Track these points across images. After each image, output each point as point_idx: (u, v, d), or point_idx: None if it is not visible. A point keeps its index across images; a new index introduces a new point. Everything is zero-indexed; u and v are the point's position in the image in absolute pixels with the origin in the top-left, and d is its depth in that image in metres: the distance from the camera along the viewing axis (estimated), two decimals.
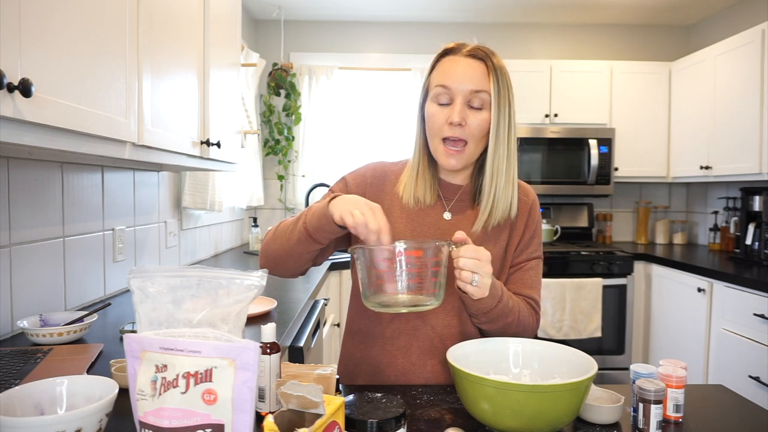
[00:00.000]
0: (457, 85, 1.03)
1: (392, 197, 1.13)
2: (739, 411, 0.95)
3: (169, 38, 1.45)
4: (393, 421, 0.68)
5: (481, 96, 1.03)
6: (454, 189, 1.14)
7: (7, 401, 0.69)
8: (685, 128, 3.43)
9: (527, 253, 1.14)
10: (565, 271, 3.20)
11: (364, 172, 1.17)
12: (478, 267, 0.93)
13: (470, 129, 1.04)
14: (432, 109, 1.07)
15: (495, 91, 1.03)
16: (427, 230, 1.11)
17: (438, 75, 1.07)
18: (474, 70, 1.03)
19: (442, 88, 1.04)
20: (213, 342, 0.61)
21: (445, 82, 1.04)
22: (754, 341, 2.34)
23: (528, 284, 1.12)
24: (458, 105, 1.03)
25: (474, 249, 0.94)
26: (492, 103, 1.03)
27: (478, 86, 1.03)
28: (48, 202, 1.46)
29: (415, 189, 1.11)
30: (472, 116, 1.04)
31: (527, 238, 1.14)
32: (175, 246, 2.38)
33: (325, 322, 2.38)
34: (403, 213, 1.12)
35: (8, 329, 1.33)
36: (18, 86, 0.80)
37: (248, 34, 3.61)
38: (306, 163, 3.74)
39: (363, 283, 0.93)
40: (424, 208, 1.12)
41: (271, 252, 1.08)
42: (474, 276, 0.93)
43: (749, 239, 2.90)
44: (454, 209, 1.13)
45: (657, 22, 3.84)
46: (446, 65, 1.06)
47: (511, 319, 1.03)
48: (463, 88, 1.03)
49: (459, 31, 3.84)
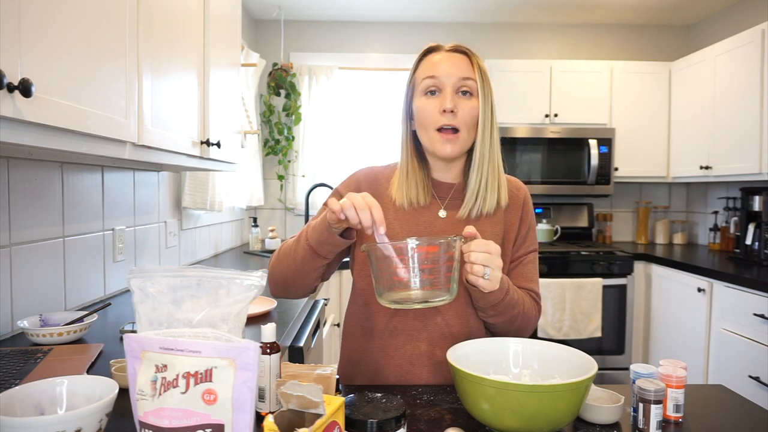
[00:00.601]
0: (445, 73, 1.06)
1: (386, 200, 1.14)
2: (739, 411, 0.95)
3: (169, 38, 1.45)
4: (393, 421, 0.68)
5: (468, 83, 1.06)
6: (447, 187, 1.15)
7: (7, 401, 0.69)
8: (685, 128, 3.43)
9: (525, 247, 1.15)
10: (565, 271, 3.20)
11: (356, 178, 1.18)
12: (489, 260, 0.94)
13: (462, 116, 1.05)
14: (421, 102, 1.08)
15: (479, 80, 1.07)
16: (423, 230, 1.11)
17: (424, 69, 1.10)
18: (459, 60, 1.08)
19: (431, 78, 1.07)
20: (213, 342, 0.61)
21: (434, 72, 1.07)
22: (754, 341, 2.34)
23: (528, 277, 1.14)
24: (449, 93, 1.06)
25: (484, 243, 0.95)
26: (479, 91, 1.07)
27: (465, 74, 1.06)
28: (48, 202, 1.46)
29: (407, 191, 1.11)
30: (463, 103, 1.06)
31: (524, 232, 1.15)
32: (175, 246, 2.38)
33: (325, 322, 2.38)
34: (398, 215, 1.12)
35: (8, 329, 1.33)
36: (18, 86, 0.80)
37: (248, 34, 3.61)
38: (306, 163, 3.75)
39: (376, 280, 0.94)
40: (419, 208, 1.12)
41: (278, 275, 1.08)
42: (486, 269, 0.94)
43: (749, 239, 2.90)
44: (449, 207, 1.13)
45: (657, 22, 3.84)
46: (431, 60, 1.10)
47: (517, 311, 1.05)
48: (452, 76, 1.06)
49: (459, 31, 3.84)
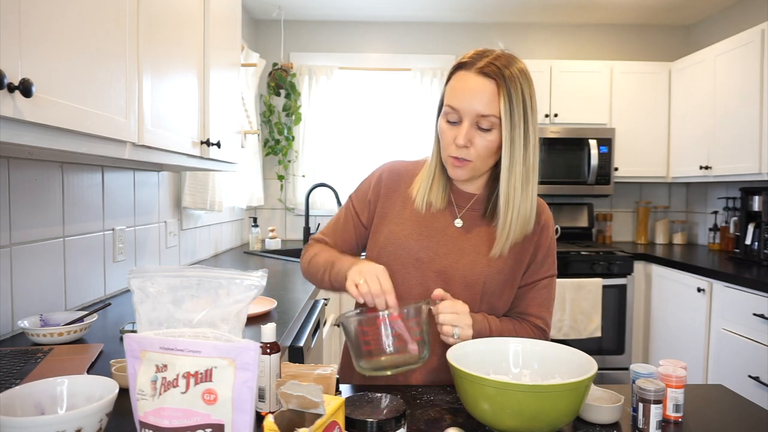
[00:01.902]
0: (464, 107, 1.00)
1: (405, 198, 1.14)
2: (738, 411, 0.95)
3: (169, 38, 1.45)
4: (393, 421, 0.68)
5: (489, 119, 0.99)
6: (467, 197, 1.13)
7: (7, 401, 0.69)
8: (685, 128, 3.43)
9: (540, 273, 1.13)
10: (565, 271, 3.20)
11: (380, 173, 1.18)
12: (457, 320, 0.99)
13: (476, 150, 1.02)
14: (443, 126, 1.05)
15: (506, 111, 0.98)
16: (435, 235, 1.10)
17: (449, 93, 1.03)
18: (482, 92, 0.99)
19: (450, 108, 1.02)
20: (213, 342, 0.61)
21: (454, 103, 1.01)
22: (754, 341, 2.34)
23: (538, 302, 1.12)
24: (465, 128, 1.00)
25: (451, 304, 1.00)
26: (503, 124, 0.99)
27: (485, 110, 0.99)
28: (48, 202, 1.46)
29: (429, 192, 1.11)
30: (479, 137, 1.01)
31: (540, 258, 1.12)
32: (175, 246, 2.39)
33: (325, 322, 2.38)
34: (414, 215, 1.12)
35: (8, 329, 1.33)
36: (18, 86, 0.80)
37: (248, 34, 3.61)
38: (306, 163, 3.75)
39: (352, 349, 0.98)
40: (435, 213, 1.12)
41: (308, 277, 1.21)
42: (454, 329, 0.99)
43: (749, 239, 2.90)
44: (465, 217, 1.12)
45: (657, 22, 3.84)
46: (456, 83, 1.02)
47: None
48: (471, 111, 0.99)
49: (459, 31, 3.84)
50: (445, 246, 1.09)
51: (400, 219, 1.11)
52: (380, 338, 0.94)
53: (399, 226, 1.11)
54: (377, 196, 1.15)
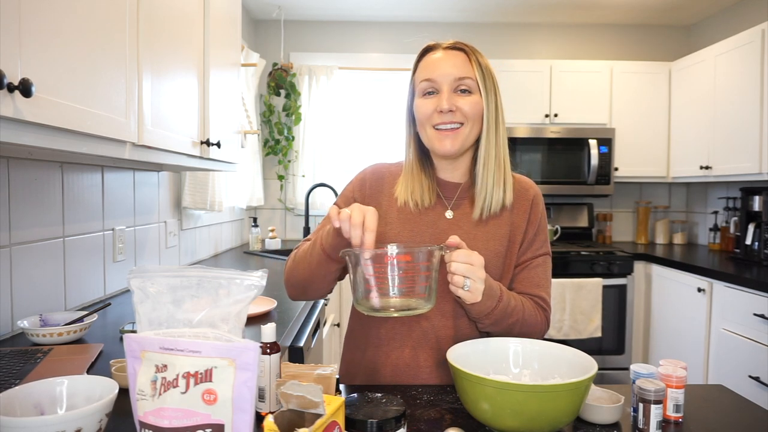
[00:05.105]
0: (441, 74, 1.05)
1: (390, 199, 1.13)
2: (739, 411, 0.95)
3: (169, 38, 1.45)
4: (393, 421, 0.68)
5: (466, 81, 1.05)
6: (453, 187, 1.13)
7: (7, 401, 0.69)
8: (685, 128, 3.43)
9: (532, 251, 1.12)
10: (565, 271, 3.20)
11: (363, 176, 1.17)
12: (470, 272, 0.93)
13: (463, 111, 1.04)
14: (419, 102, 1.08)
15: (480, 76, 1.05)
16: (426, 230, 1.10)
17: (421, 71, 1.09)
18: (455, 58, 1.06)
19: (427, 81, 1.06)
20: (213, 342, 0.61)
21: (430, 75, 1.06)
22: (754, 341, 2.34)
23: (535, 282, 1.11)
24: (446, 93, 1.04)
25: (466, 253, 0.93)
26: (480, 87, 1.05)
27: (462, 73, 1.05)
28: (48, 202, 1.46)
29: (412, 192, 1.10)
30: (462, 100, 1.05)
31: (531, 235, 1.12)
32: (175, 246, 2.38)
33: (325, 322, 2.38)
34: (401, 214, 1.11)
35: (8, 329, 1.33)
36: (18, 86, 0.80)
37: (248, 34, 3.61)
38: (306, 163, 3.75)
39: (354, 286, 0.92)
40: (423, 209, 1.11)
41: (295, 279, 1.08)
42: (466, 281, 0.93)
43: (749, 239, 2.90)
44: (455, 207, 1.12)
45: (657, 22, 3.84)
46: (428, 61, 1.08)
47: (514, 320, 1.02)
48: (448, 76, 1.04)
49: (459, 32, 3.83)
50: (437, 238, 1.08)
51: (387, 219, 1.11)
52: (385, 277, 0.88)
53: (387, 227, 1.10)
54: (362, 198, 1.14)
